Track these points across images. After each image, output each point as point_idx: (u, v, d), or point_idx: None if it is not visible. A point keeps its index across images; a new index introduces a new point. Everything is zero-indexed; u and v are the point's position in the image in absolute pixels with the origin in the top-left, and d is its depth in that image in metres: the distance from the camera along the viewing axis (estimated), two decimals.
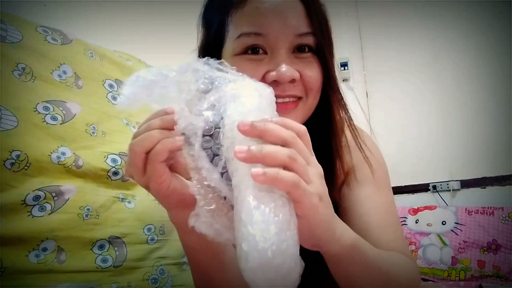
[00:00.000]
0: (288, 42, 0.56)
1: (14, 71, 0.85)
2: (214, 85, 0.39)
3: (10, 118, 0.80)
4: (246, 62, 0.56)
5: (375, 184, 0.66)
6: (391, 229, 0.61)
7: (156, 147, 0.39)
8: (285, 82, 0.55)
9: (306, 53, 0.58)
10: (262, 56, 0.56)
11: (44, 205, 0.80)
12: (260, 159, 0.33)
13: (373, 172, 0.66)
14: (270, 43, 0.55)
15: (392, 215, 0.64)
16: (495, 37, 2.21)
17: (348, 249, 0.41)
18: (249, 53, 0.56)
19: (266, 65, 0.56)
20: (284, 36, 0.55)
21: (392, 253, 0.56)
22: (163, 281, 0.95)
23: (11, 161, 0.77)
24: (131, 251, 0.91)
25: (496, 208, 1.86)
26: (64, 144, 0.88)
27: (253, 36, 0.55)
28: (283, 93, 0.56)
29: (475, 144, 2.21)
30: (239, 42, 0.56)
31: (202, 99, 0.39)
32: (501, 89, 2.18)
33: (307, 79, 0.57)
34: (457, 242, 1.81)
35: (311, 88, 0.58)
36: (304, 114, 0.59)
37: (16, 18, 0.92)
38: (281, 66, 0.54)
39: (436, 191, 2.24)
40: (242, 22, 0.56)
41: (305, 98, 0.58)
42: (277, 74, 0.54)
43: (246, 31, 0.55)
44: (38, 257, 0.76)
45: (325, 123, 0.63)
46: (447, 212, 1.96)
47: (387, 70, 2.48)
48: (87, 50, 1.06)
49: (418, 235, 1.93)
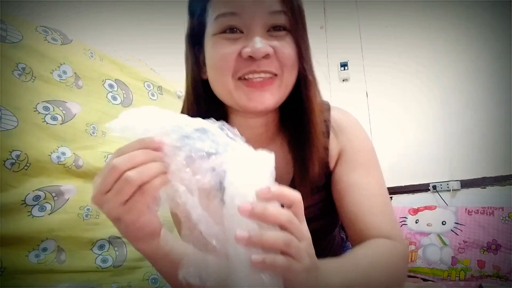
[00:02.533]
0: (262, 21, 0.59)
1: (14, 71, 0.85)
2: (219, 149, 0.41)
3: (10, 118, 0.80)
4: (223, 41, 0.59)
5: (364, 167, 0.68)
6: (381, 212, 0.64)
7: (155, 181, 0.41)
8: (259, 57, 0.57)
9: (281, 31, 0.60)
10: (238, 35, 0.59)
11: (44, 205, 0.80)
12: (259, 245, 0.37)
13: (360, 155, 0.69)
14: (245, 22, 0.59)
15: (382, 197, 0.67)
16: (495, 37, 2.21)
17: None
18: (226, 32, 0.59)
19: (242, 43, 0.58)
20: (258, 15, 0.58)
21: (378, 249, 0.59)
22: (163, 281, 0.95)
23: (11, 161, 0.77)
24: (131, 251, 0.91)
25: (496, 208, 1.86)
26: (64, 144, 0.88)
27: (229, 16, 0.59)
28: (258, 69, 0.58)
29: (475, 144, 2.20)
30: (217, 23, 0.60)
31: (205, 159, 0.40)
32: (501, 89, 2.17)
33: (281, 55, 0.59)
34: (457, 242, 1.81)
35: (285, 64, 0.60)
36: (281, 91, 0.61)
37: (16, 18, 0.92)
38: (255, 41, 0.57)
39: (436, 191, 2.24)
40: (219, 5, 0.59)
41: (280, 74, 0.60)
42: (251, 50, 0.57)
43: (222, 12, 0.59)
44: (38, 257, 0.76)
45: (301, 102, 0.65)
46: (447, 212, 1.96)
47: (387, 70, 2.47)
48: (87, 50, 1.06)
49: (418, 235, 1.93)
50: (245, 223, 0.37)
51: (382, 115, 2.48)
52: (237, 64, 0.58)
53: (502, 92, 2.17)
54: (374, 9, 2.56)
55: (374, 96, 2.53)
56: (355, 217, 0.64)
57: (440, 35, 2.36)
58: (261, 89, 0.59)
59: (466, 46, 2.29)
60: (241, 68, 0.59)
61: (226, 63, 0.58)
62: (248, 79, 0.59)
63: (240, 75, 0.59)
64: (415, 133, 2.37)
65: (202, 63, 0.65)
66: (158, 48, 1.55)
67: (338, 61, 2.59)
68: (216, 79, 0.62)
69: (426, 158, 2.32)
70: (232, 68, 0.58)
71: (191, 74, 0.67)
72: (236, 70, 0.59)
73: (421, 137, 2.35)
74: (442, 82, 2.33)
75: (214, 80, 0.62)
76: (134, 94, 1.13)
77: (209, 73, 0.63)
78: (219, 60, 0.59)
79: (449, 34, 2.34)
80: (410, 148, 2.36)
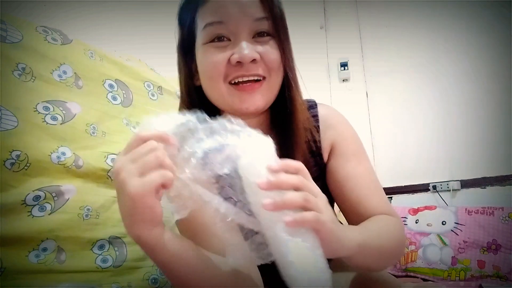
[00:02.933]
0: (248, 28, 0.63)
1: (14, 71, 0.85)
2: (229, 139, 0.46)
3: (10, 118, 0.80)
4: (212, 49, 0.64)
5: (356, 156, 0.75)
6: (376, 195, 0.72)
7: (173, 167, 0.44)
8: (247, 62, 0.62)
9: (265, 37, 0.65)
10: (226, 43, 0.64)
11: (44, 205, 0.80)
12: (284, 207, 0.42)
13: (352, 146, 0.76)
14: (231, 30, 0.63)
15: (373, 181, 0.74)
16: (495, 37, 2.22)
17: (356, 250, 0.51)
18: (215, 41, 0.64)
19: (230, 50, 0.63)
20: (243, 23, 0.63)
21: (382, 220, 0.67)
22: (163, 281, 0.95)
23: (11, 161, 0.77)
24: (131, 251, 0.91)
25: (496, 208, 1.86)
26: (64, 144, 0.88)
27: (216, 25, 0.63)
28: (247, 73, 0.63)
29: (475, 144, 2.21)
30: (205, 32, 0.64)
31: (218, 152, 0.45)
32: (501, 89, 2.18)
33: (267, 59, 0.64)
34: (457, 242, 1.81)
35: (272, 68, 0.65)
36: (269, 93, 0.67)
37: (16, 19, 0.92)
38: (242, 47, 0.62)
39: (436, 191, 2.24)
40: (207, 15, 0.64)
41: (268, 77, 0.65)
42: (239, 56, 0.62)
43: (209, 21, 0.64)
44: (38, 257, 0.76)
45: (286, 102, 0.70)
46: (447, 212, 1.96)
47: (387, 70, 2.48)
48: (87, 50, 1.06)
49: (418, 235, 1.93)
50: (266, 195, 0.43)
51: (382, 115, 2.48)
52: (227, 70, 0.64)
53: (502, 92, 2.17)
54: (374, 9, 2.56)
55: (374, 96, 2.53)
56: (355, 203, 0.71)
57: (440, 35, 2.36)
58: (251, 92, 0.64)
59: (466, 46, 2.29)
60: (231, 73, 0.63)
61: (217, 70, 0.64)
62: (239, 83, 0.64)
63: (231, 79, 0.64)
64: (415, 133, 2.37)
65: (195, 71, 0.70)
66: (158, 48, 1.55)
67: (338, 61, 2.59)
68: (209, 85, 0.67)
69: (426, 158, 2.32)
70: (223, 74, 0.64)
71: (184, 81, 0.73)
72: (226, 75, 0.64)
73: (421, 137, 2.35)
74: (442, 82, 2.33)
75: (207, 86, 0.67)
76: (134, 94, 1.13)
77: (202, 80, 0.68)
78: (211, 68, 0.64)
79: (449, 34, 2.34)
80: (410, 148, 2.36)
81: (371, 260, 0.58)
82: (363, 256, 0.55)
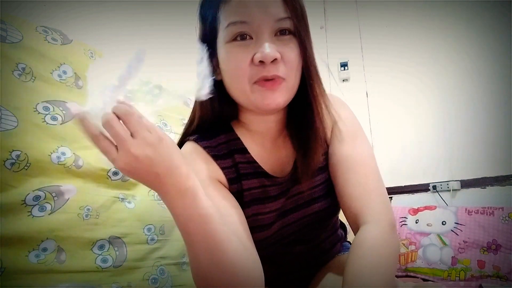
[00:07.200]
0: (270, 27, 0.65)
1: (14, 71, 0.85)
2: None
3: (10, 118, 0.80)
4: (236, 48, 0.65)
5: (350, 139, 0.76)
6: (371, 182, 0.72)
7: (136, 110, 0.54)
8: (269, 61, 0.63)
9: (286, 35, 0.66)
10: (248, 42, 0.65)
11: (44, 205, 0.80)
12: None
13: (345, 129, 0.77)
14: (254, 29, 0.64)
15: (370, 166, 0.75)
16: (495, 37, 2.21)
17: None
18: (237, 39, 0.65)
19: (253, 49, 0.64)
20: (265, 22, 0.64)
21: (372, 251, 0.63)
22: (163, 281, 0.95)
23: (11, 161, 0.77)
24: (131, 251, 0.91)
25: (496, 208, 1.86)
26: (64, 144, 0.88)
27: (239, 24, 0.64)
28: (268, 74, 0.64)
29: (475, 144, 2.21)
30: (228, 31, 0.65)
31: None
32: (501, 89, 2.18)
33: (286, 58, 0.65)
34: (457, 242, 1.81)
35: (291, 68, 0.66)
36: (289, 92, 0.68)
37: (16, 19, 0.92)
38: (265, 47, 0.63)
39: (436, 191, 2.24)
40: (230, 14, 0.65)
41: (287, 78, 0.67)
42: (261, 55, 0.63)
43: (233, 21, 0.65)
44: (38, 257, 0.76)
45: (307, 100, 0.72)
46: (447, 212, 1.96)
47: (387, 70, 2.48)
48: (87, 50, 1.06)
49: (418, 235, 1.93)
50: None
51: (382, 115, 2.48)
52: (251, 71, 0.65)
53: (502, 92, 2.17)
54: (374, 9, 2.56)
55: (374, 96, 2.53)
56: (354, 198, 0.71)
57: (440, 35, 2.36)
58: (273, 90, 0.65)
59: (466, 46, 2.29)
60: (254, 74, 0.64)
61: (241, 70, 0.65)
62: (261, 81, 0.66)
63: (254, 81, 0.65)
64: (415, 133, 2.37)
65: (216, 66, 0.70)
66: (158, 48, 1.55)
67: (338, 61, 2.59)
68: (232, 84, 0.69)
69: (426, 158, 2.32)
70: (247, 75, 0.65)
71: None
72: (250, 77, 0.65)
73: (421, 137, 2.35)
74: (442, 82, 2.33)
75: (231, 84, 0.69)
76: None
77: (225, 77, 0.69)
78: (235, 68, 0.66)
79: (449, 34, 2.34)
80: (410, 148, 2.36)
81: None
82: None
